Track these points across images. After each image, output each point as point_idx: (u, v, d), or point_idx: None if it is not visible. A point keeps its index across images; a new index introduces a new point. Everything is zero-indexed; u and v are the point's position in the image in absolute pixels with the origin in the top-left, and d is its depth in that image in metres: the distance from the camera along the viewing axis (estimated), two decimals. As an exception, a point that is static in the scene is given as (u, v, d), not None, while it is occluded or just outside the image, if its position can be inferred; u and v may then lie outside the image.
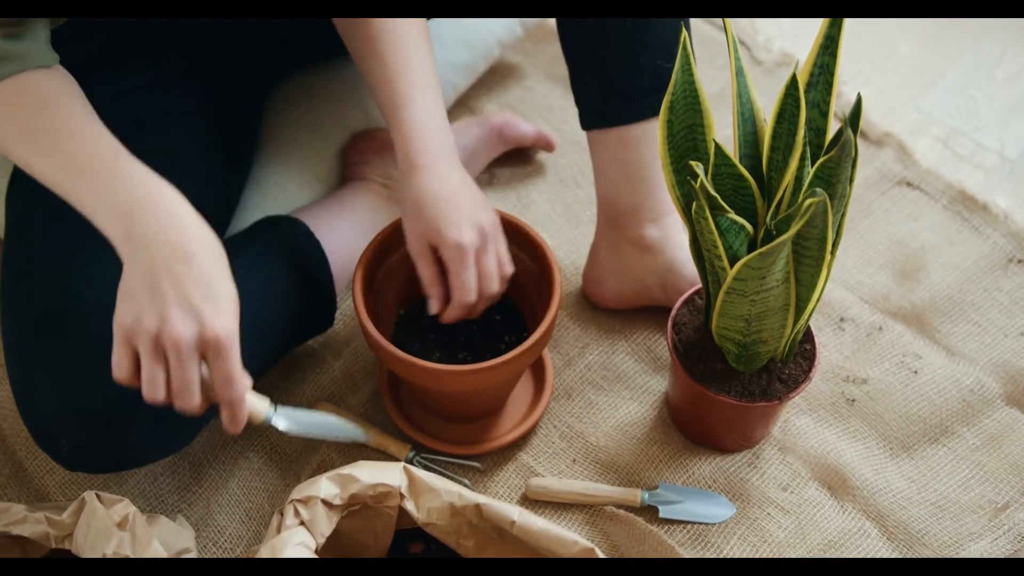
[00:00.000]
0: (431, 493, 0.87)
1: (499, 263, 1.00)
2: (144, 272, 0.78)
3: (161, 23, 1.09)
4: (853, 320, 1.21)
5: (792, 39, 1.55)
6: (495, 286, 0.99)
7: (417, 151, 0.98)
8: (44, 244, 0.98)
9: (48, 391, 0.92)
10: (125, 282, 0.80)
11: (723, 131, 1.33)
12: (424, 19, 1.02)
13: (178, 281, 0.78)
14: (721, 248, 0.89)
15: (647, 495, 1.07)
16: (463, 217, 0.97)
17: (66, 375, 0.92)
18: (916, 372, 1.16)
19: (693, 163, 0.85)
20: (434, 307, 1.00)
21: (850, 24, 1.56)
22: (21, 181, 1.05)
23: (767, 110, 0.92)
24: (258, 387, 1.15)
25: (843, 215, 0.91)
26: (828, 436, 1.12)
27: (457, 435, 1.12)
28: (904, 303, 1.23)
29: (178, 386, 0.79)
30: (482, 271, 0.98)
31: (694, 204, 0.89)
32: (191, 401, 0.80)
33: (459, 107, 1.43)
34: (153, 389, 0.79)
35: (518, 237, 1.08)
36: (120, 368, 0.80)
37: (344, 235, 1.16)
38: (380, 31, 1.00)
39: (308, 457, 1.11)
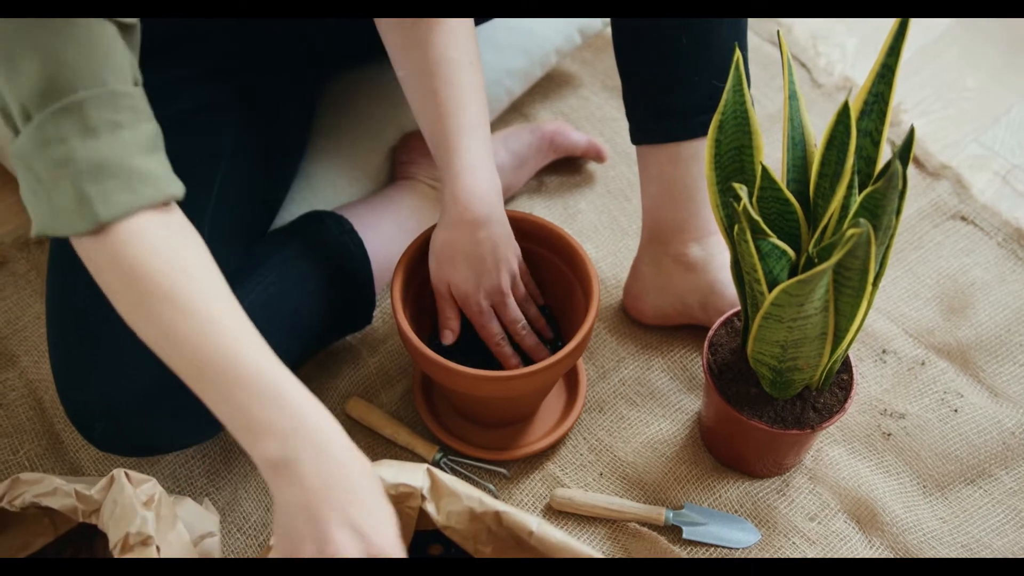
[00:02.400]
0: (452, 497, 0.87)
1: (526, 299, 1.06)
2: (298, 499, 0.74)
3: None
4: (895, 353, 1.19)
5: (854, 63, 1.53)
6: (523, 332, 1.05)
7: (462, 199, 0.98)
8: None
9: (85, 375, 0.94)
10: (278, 510, 0.75)
11: (776, 153, 1.32)
12: (476, 47, 1.02)
13: (338, 507, 0.73)
14: (760, 272, 0.88)
15: (672, 514, 1.06)
16: (483, 276, 1.01)
17: (101, 367, 0.93)
18: (956, 410, 1.14)
19: (736, 185, 0.84)
20: (447, 338, 1.05)
21: (916, 52, 1.54)
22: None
23: (821, 135, 0.91)
24: (293, 378, 1.17)
25: (888, 247, 0.89)
26: (861, 469, 1.10)
27: (486, 440, 1.12)
28: (949, 339, 1.20)
29: None
30: (506, 319, 1.04)
31: (736, 226, 0.88)
32: None
33: (513, 112, 1.43)
34: None
35: (559, 247, 1.08)
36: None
37: (388, 234, 1.17)
38: (435, 63, 0.98)
39: (337, 451, 1.12)
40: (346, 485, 0.74)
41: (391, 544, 0.74)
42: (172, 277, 0.76)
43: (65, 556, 1.02)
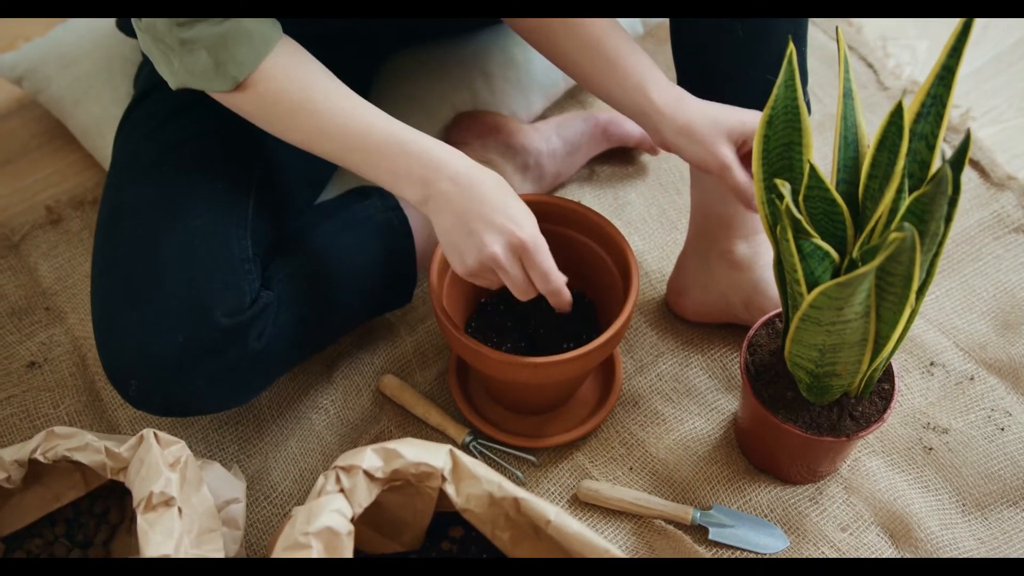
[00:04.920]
0: (472, 480, 0.86)
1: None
2: (453, 223, 0.91)
3: None
4: (944, 366, 1.16)
5: (924, 66, 1.48)
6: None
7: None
8: (138, 191, 1.01)
9: (124, 333, 0.95)
10: (441, 237, 0.93)
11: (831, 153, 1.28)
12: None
13: (482, 216, 0.90)
14: (800, 272, 0.86)
15: (699, 514, 1.04)
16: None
17: (142, 320, 0.95)
18: (1003, 429, 1.11)
19: (779, 182, 0.82)
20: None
21: (990, 59, 1.49)
22: (131, 122, 1.09)
23: (874, 136, 0.88)
24: (330, 353, 1.17)
25: (937, 255, 0.86)
26: (898, 482, 1.07)
27: (517, 426, 1.11)
28: (1002, 355, 1.17)
29: (516, 287, 0.93)
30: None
31: (779, 224, 0.86)
32: (528, 292, 0.93)
33: (569, 100, 1.41)
34: (510, 287, 0.93)
35: (602, 236, 1.06)
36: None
37: (433, 213, 1.17)
38: (599, 33, 0.99)
39: (368, 427, 1.12)
40: (483, 198, 0.90)
41: (528, 236, 0.90)
42: (308, 94, 0.92)
43: (96, 511, 1.03)
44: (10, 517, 0.99)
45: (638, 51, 1.00)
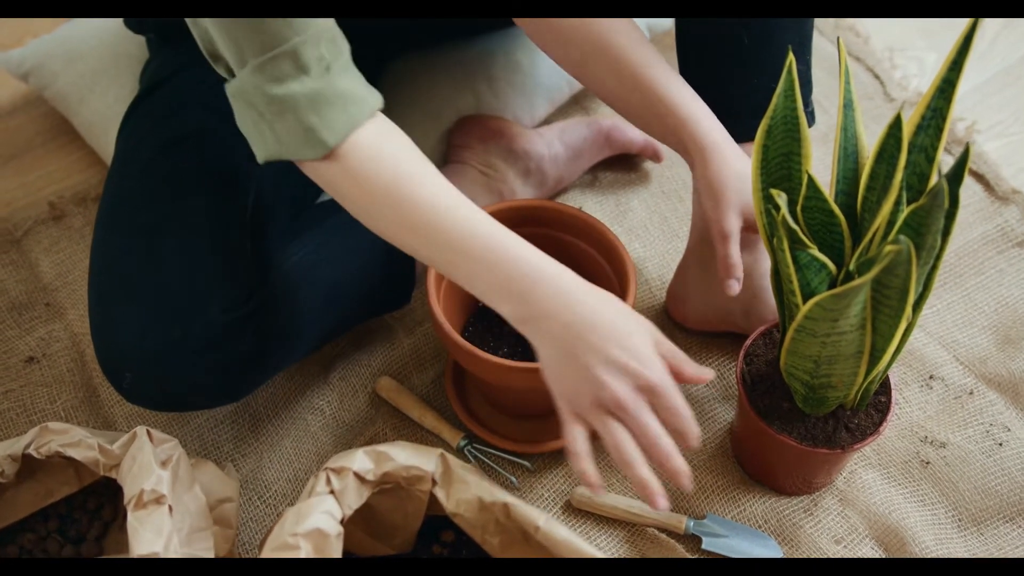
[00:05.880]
0: (462, 484, 0.86)
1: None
2: (559, 352, 0.81)
3: None
4: (943, 379, 1.15)
5: (931, 78, 1.47)
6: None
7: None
8: (139, 185, 1.02)
9: (121, 325, 0.96)
10: (546, 365, 0.83)
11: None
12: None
13: (595, 349, 0.79)
14: (796, 283, 0.85)
15: (692, 523, 1.04)
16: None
17: (139, 313, 0.95)
18: (1001, 444, 1.10)
19: (775, 192, 0.81)
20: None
21: (998, 73, 1.49)
22: (134, 117, 1.09)
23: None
24: (327, 353, 1.17)
25: (935, 269, 0.86)
26: (894, 495, 1.06)
27: (513, 431, 1.11)
28: (1002, 370, 1.16)
29: (644, 439, 0.79)
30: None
31: (775, 235, 0.86)
32: (665, 445, 0.79)
33: (572, 105, 1.41)
34: (621, 450, 0.79)
35: (599, 242, 1.06)
36: (575, 442, 0.81)
37: (434, 215, 1.17)
38: (641, 62, 0.96)
39: (363, 429, 1.12)
40: (596, 325, 0.79)
41: (660, 373, 0.79)
42: (399, 180, 0.84)
43: (89, 507, 1.04)
44: (3, 512, 0.99)
45: (677, 80, 0.97)
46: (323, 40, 0.83)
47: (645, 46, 0.97)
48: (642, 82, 0.96)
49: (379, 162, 0.84)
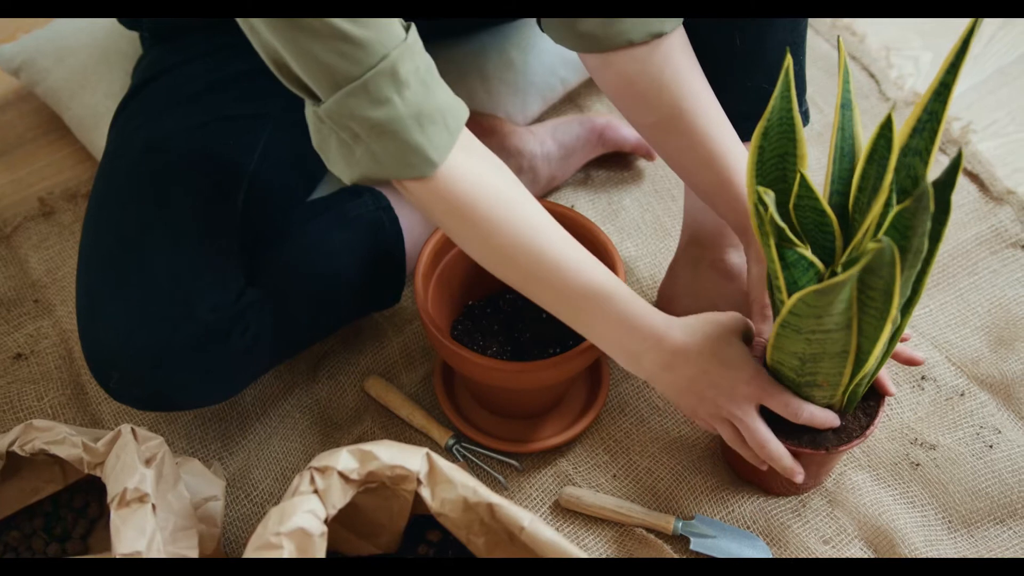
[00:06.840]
0: (447, 484, 0.86)
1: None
2: (676, 392, 0.91)
3: None
4: (935, 380, 1.15)
5: (927, 77, 1.47)
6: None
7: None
8: (128, 181, 1.01)
9: (108, 323, 0.95)
10: (665, 395, 0.94)
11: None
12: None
13: (704, 397, 0.91)
14: (782, 280, 0.85)
15: (681, 524, 1.03)
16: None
17: (127, 311, 0.94)
18: (992, 446, 1.09)
19: (761, 190, 0.81)
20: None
21: (994, 72, 1.48)
22: (126, 113, 1.09)
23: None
24: (316, 352, 1.17)
25: (925, 273, 0.85)
26: (884, 497, 1.06)
27: (502, 431, 1.10)
28: (994, 371, 1.15)
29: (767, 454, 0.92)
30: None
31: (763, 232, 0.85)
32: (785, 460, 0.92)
33: (567, 103, 1.41)
34: (753, 434, 0.92)
35: (588, 241, 1.05)
36: (726, 434, 0.94)
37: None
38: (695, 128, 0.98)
39: (351, 427, 1.12)
40: (698, 376, 0.89)
41: (756, 426, 0.90)
42: (497, 208, 0.85)
43: (75, 505, 1.03)
44: (-12, 509, 0.99)
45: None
46: (415, 51, 0.81)
47: (725, 126, 0.99)
48: (715, 162, 0.98)
49: (476, 189, 0.84)
